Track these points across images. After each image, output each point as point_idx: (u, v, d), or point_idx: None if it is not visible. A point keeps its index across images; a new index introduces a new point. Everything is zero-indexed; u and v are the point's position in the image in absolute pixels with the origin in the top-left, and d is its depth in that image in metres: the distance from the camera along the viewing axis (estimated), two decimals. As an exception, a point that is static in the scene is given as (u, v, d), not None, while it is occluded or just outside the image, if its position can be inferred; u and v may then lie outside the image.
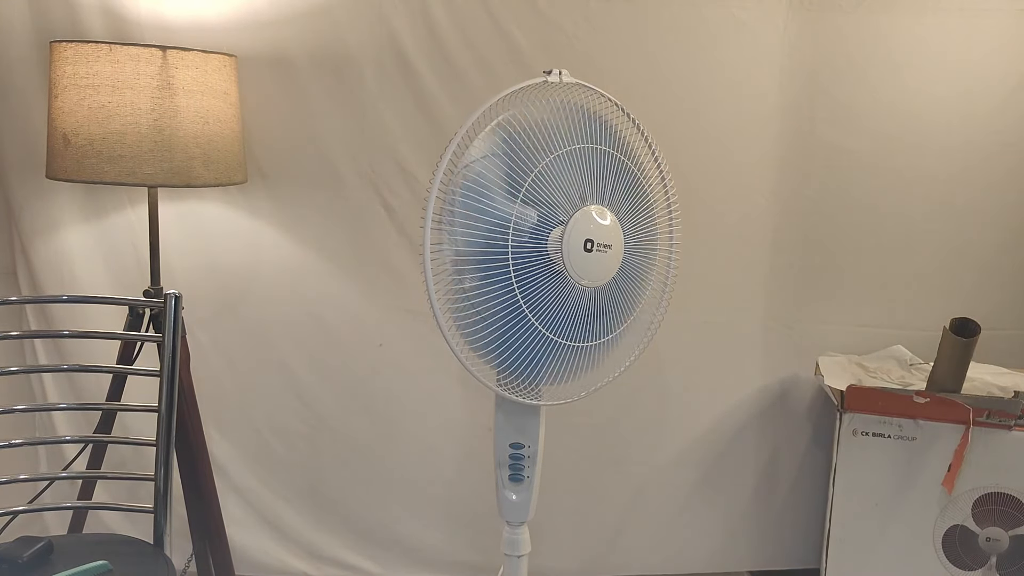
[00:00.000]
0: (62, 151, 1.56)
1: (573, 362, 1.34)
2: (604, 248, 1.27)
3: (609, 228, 1.28)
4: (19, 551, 1.34)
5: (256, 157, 1.96)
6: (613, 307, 1.34)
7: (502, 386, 1.33)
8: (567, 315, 1.29)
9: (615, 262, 1.30)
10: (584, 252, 1.25)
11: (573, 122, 1.28)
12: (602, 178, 1.29)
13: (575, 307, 1.29)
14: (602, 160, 1.29)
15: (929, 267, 2.09)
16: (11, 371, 1.76)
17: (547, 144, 1.25)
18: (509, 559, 1.47)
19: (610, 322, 1.35)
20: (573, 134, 1.27)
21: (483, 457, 2.06)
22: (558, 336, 1.29)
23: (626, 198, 1.32)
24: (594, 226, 1.26)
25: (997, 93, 2.00)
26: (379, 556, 2.14)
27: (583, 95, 1.33)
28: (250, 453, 2.09)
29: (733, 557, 2.22)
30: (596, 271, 1.28)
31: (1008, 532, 1.80)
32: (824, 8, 1.97)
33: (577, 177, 1.27)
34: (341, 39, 1.92)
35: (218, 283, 2.02)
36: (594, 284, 1.29)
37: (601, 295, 1.32)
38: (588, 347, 1.33)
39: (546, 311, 1.27)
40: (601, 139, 1.29)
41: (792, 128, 2.03)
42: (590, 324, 1.32)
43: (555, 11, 1.94)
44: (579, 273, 1.27)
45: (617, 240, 1.30)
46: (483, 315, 1.27)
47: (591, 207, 1.27)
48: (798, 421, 2.17)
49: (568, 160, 1.26)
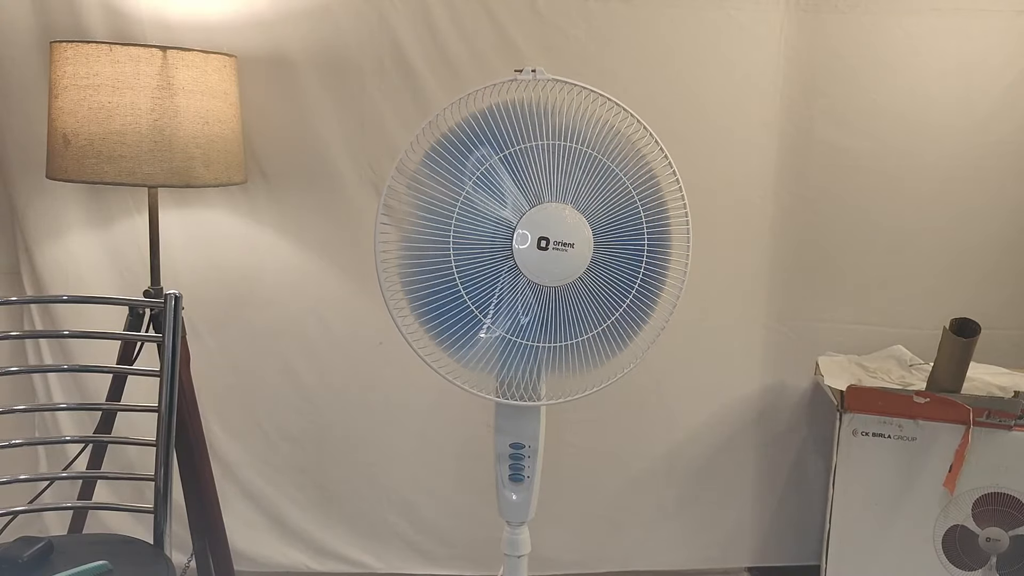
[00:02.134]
0: (62, 151, 1.56)
1: (545, 362, 1.30)
2: (563, 247, 1.24)
3: (570, 226, 1.24)
4: (19, 551, 1.33)
5: (256, 157, 1.96)
6: (584, 308, 1.29)
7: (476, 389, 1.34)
8: (528, 315, 1.27)
9: (580, 261, 1.26)
10: (539, 251, 1.24)
11: (532, 120, 1.25)
12: (565, 175, 1.25)
13: (537, 306, 1.27)
14: (567, 157, 1.25)
15: (928, 267, 2.09)
16: (11, 371, 1.76)
17: (494, 143, 1.25)
18: (509, 559, 1.47)
19: (583, 323, 1.30)
20: (529, 132, 1.24)
21: (483, 455, 2.06)
22: (517, 336, 1.28)
23: (596, 195, 1.27)
24: (551, 224, 1.24)
25: (993, 93, 2.01)
26: (380, 551, 2.15)
27: (559, 92, 1.30)
28: (253, 451, 2.10)
29: (732, 553, 2.22)
30: (555, 270, 1.25)
31: (1008, 532, 1.80)
32: (821, 9, 1.97)
33: (531, 175, 1.25)
34: (341, 39, 1.92)
35: (220, 283, 2.02)
36: (556, 283, 1.26)
37: (568, 295, 1.28)
38: (554, 348, 1.29)
39: (501, 310, 1.26)
40: (566, 135, 1.25)
41: (790, 128, 2.03)
42: (558, 324, 1.28)
43: (554, 12, 1.94)
44: (534, 272, 1.25)
45: (582, 238, 1.26)
46: (442, 314, 1.29)
47: (549, 205, 1.24)
48: (798, 421, 2.17)
49: (520, 159, 1.24)
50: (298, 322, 2.05)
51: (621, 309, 1.30)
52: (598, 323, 1.30)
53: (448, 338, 1.32)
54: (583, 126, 1.27)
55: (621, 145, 1.29)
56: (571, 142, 1.25)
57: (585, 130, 1.27)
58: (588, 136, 1.27)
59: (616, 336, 1.32)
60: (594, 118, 1.29)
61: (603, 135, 1.28)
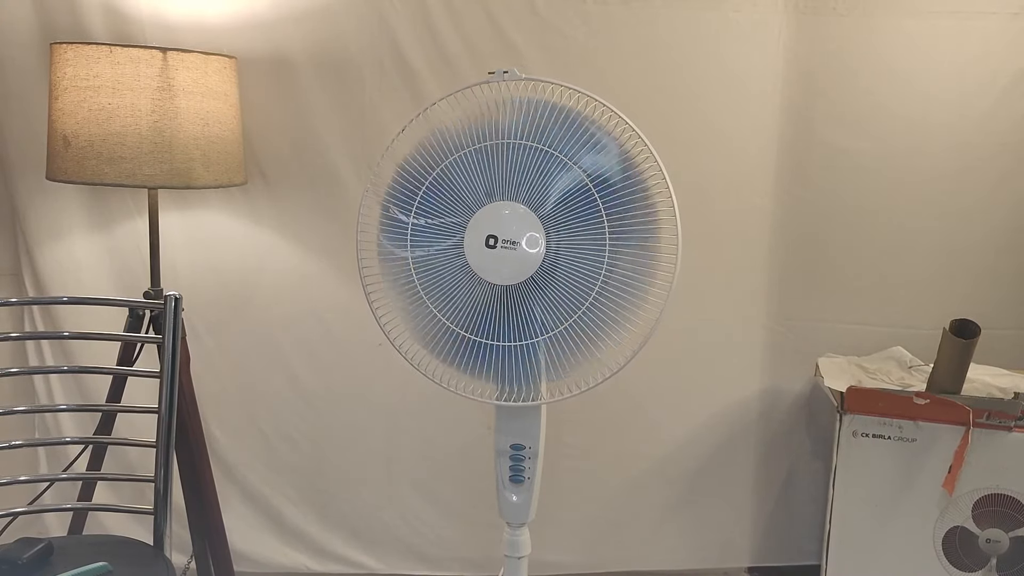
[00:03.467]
0: (62, 152, 1.56)
1: (515, 361, 1.28)
2: (510, 245, 1.23)
3: (517, 224, 1.23)
4: (19, 552, 1.33)
5: (256, 158, 1.96)
6: (539, 308, 1.26)
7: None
8: (482, 313, 1.27)
9: (531, 259, 1.24)
10: (487, 249, 1.24)
11: (485, 120, 1.25)
12: (517, 173, 1.23)
13: (490, 305, 1.26)
14: (519, 155, 1.23)
15: (928, 267, 2.09)
16: (11, 372, 1.76)
17: (446, 148, 1.26)
18: (510, 560, 1.47)
19: (539, 324, 1.26)
20: (483, 133, 1.25)
21: (483, 456, 2.06)
22: (474, 334, 1.28)
23: (548, 192, 1.23)
24: (498, 222, 1.24)
25: (990, 94, 2.01)
26: (380, 552, 2.16)
27: (534, 90, 1.28)
28: (253, 452, 2.10)
29: (732, 553, 2.23)
30: (504, 269, 1.24)
31: (1008, 533, 1.80)
32: (819, 11, 1.98)
33: (481, 175, 1.25)
34: (341, 40, 1.93)
35: (221, 284, 2.02)
36: (506, 282, 1.25)
37: (522, 293, 1.26)
38: (514, 347, 1.27)
39: (458, 309, 1.28)
40: (522, 134, 1.23)
41: (790, 129, 2.03)
42: (514, 323, 1.27)
43: (553, 13, 1.94)
44: (484, 270, 1.25)
45: (530, 237, 1.23)
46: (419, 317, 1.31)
47: (498, 203, 1.24)
48: (797, 422, 2.17)
49: (472, 159, 1.25)
50: (298, 323, 2.05)
51: (580, 311, 1.25)
52: (554, 325, 1.26)
53: (429, 343, 1.34)
54: (536, 123, 1.24)
55: (584, 139, 1.24)
56: (523, 140, 1.23)
57: (538, 127, 1.24)
58: (540, 132, 1.24)
59: (583, 339, 1.26)
60: (552, 114, 1.25)
61: (560, 131, 1.23)
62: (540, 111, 1.25)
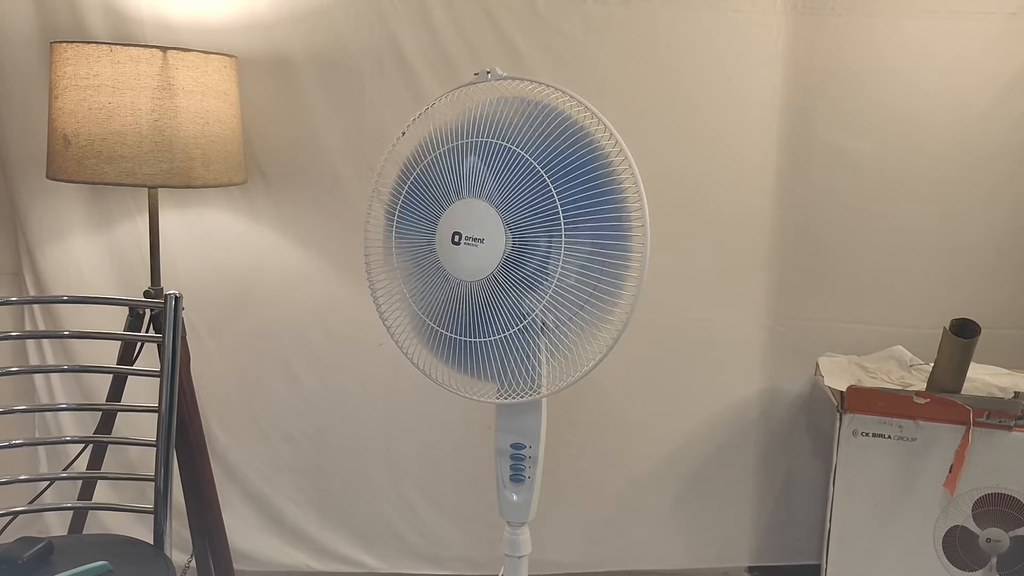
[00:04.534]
0: (62, 152, 1.56)
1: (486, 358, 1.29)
2: (473, 241, 1.25)
3: (480, 221, 1.25)
4: (19, 552, 1.33)
5: (256, 157, 1.96)
6: (497, 307, 1.26)
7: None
8: (454, 310, 1.30)
9: (493, 256, 1.25)
10: (453, 245, 1.26)
11: (459, 120, 1.28)
12: (481, 170, 1.25)
13: (461, 301, 1.29)
14: (482, 151, 1.25)
15: (927, 266, 2.09)
16: (11, 371, 1.76)
17: (426, 148, 1.29)
18: (510, 559, 1.47)
19: (502, 320, 1.26)
20: (455, 133, 1.28)
21: (484, 455, 2.06)
22: (447, 330, 1.31)
23: (504, 188, 1.24)
24: (462, 219, 1.26)
25: (988, 94, 2.01)
26: (381, 552, 2.16)
27: (514, 88, 1.30)
28: (253, 451, 2.10)
29: (732, 553, 2.23)
30: (469, 265, 1.26)
31: (1008, 533, 1.80)
32: (818, 12, 1.98)
33: (452, 173, 1.27)
34: (341, 40, 1.93)
35: (220, 283, 2.02)
36: (471, 279, 1.27)
37: (486, 291, 1.26)
38: (479, 343, 1.29)
39: (435, 306, 1.31)
40: (487, 132, 1.25)
41: (789, 129, 2.03)
42: (480, 320, 1.28)
43: (553, 13, 1.94)
44: (452, 267, 1.27)
45: (493, 234, 1.24)
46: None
47: (465, 200, 1.26)
48: (797, 421, 2.17)
49: (444, 159, 1.28)
50: (298, 322, 2.05)
51: (535, 312, 1.24)
52: (512, 324, 1.26)
53: (422, 339, 1.37)
54: (501, 120, 1.25)
55: (547, 133, 1.23)
56: (487, 137, 1.25)
57: (503, 124, 1.25)
58: (503, 129, 1.25)
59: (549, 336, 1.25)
60: (518, 110, 1.26)
61: (526, 127, 1.24)
62: (505, 108, 1.27)
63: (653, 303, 2.08)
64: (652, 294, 2.07)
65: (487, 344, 1.28)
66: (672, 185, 2.03)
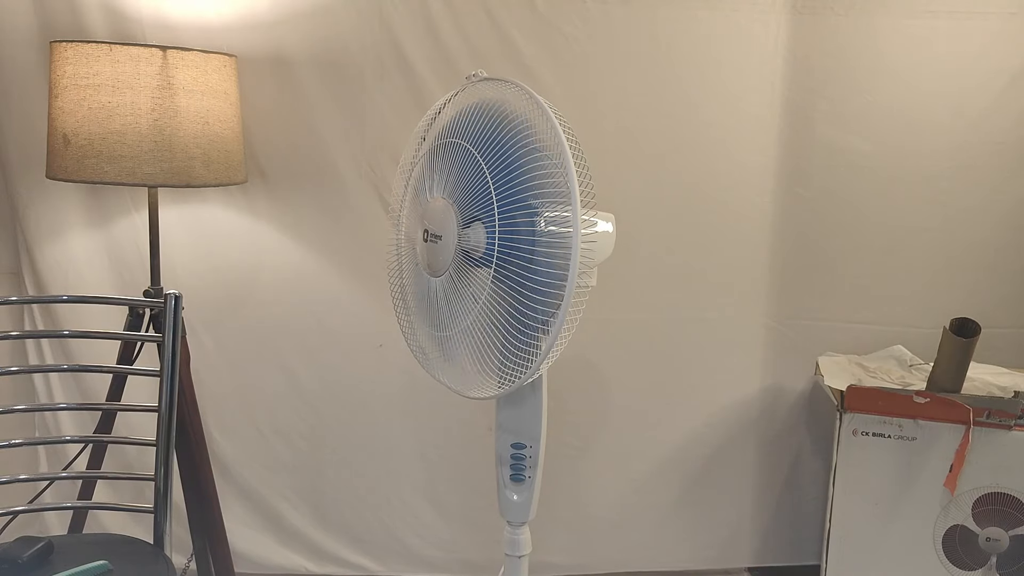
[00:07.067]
0: (62, 151, 1.56)
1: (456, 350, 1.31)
2: (435, 239, 1.29)
3: (441, 218, 1.28)
4: (19, 551, 1.33)
5: (256, 157, 1.96)
6: (458, 299, 1.28)
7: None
8: (427, 305, 1.35)
9: (450, 252, 1.27)
10: (424, 242, 1.32)
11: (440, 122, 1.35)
12: (445, 169, 1.30)
13: (433, 296, 1.33)
14: (447, 151, 1.30)
15: (927, 266, 2.10)
16: (11, 371, 1.76)
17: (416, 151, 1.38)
18: (510, 559, 1.47)
19: (458, 314, 1.28)
20: (439, 134, 1.34)
21: (484, 456, 2.06)
22: (427, 326, 1.36)
23: (457, 185, 1.26)
24: (430, 217, 1.31)
25: (987, 94, 2.01)
26: (379, 554, 2.15)
27: (493, 90, 1.31)
28: (252, 452, 2.10)
29: (732, 553, 2.22)
30: (435, 261, 1.30)
31: (1008, 532, 1.80)
32: (817, 11, 1.98)
33: (427, 173, 1.33)
34: (341, 39, 1.93)
35: (220, 283, 2.02)
36: (435, 274, 1.31)
37: (447, 286, 1.29)
38: (444, 336, 1.33)
39: (418, 301, 1.37)
40: (451, 132, 1.30)
41: (788, 129, 2.04)
42: (445, 315, 1.32)
43: (553, 13, 1.94)
44: (423, 263, 1.33)
45: (448, 231, 1.26)
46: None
47: (435, 198, 1.31)
48: (797, 421, 2.17)
49: (425, 161, 1.35)
50: (297, 322, 2.05)
51: (478, 307, 1.24)
52: (459, 320, 1.28)
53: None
54: (465, 119, 1.29)
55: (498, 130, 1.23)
56: (452, 138, 1.29)
57: (466, 123, 1.28)
58: (463, 128, 1.27)
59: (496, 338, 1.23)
60: (476, 108, 1.28)
61: (484, 126, 1.24)
62: (468, 109, 1.31)
63: (653, 303, 2.08)
64: (652, 294, 2.08)
65: (455, 336, 1.32)
66: (672, 184, 2.03)
